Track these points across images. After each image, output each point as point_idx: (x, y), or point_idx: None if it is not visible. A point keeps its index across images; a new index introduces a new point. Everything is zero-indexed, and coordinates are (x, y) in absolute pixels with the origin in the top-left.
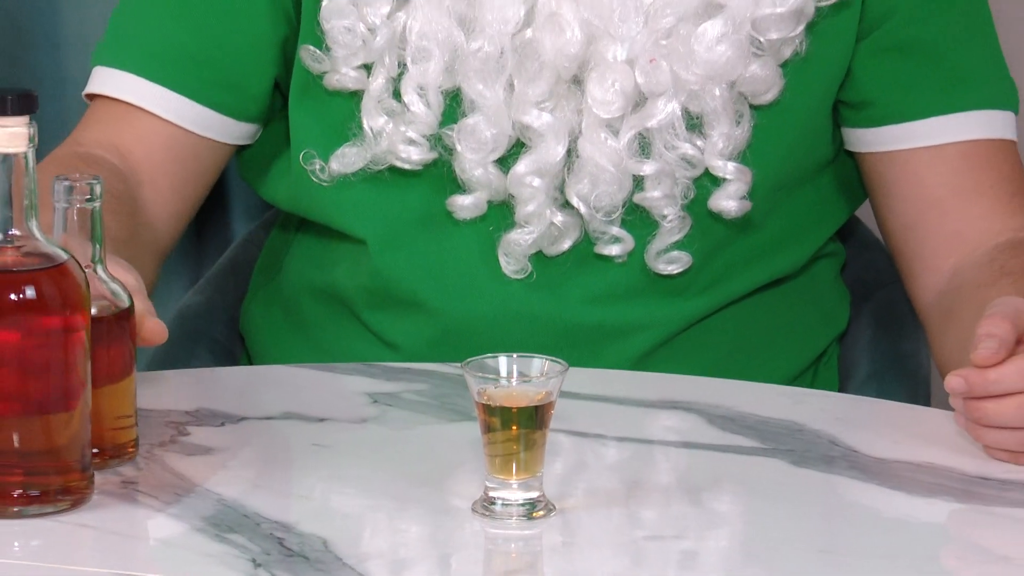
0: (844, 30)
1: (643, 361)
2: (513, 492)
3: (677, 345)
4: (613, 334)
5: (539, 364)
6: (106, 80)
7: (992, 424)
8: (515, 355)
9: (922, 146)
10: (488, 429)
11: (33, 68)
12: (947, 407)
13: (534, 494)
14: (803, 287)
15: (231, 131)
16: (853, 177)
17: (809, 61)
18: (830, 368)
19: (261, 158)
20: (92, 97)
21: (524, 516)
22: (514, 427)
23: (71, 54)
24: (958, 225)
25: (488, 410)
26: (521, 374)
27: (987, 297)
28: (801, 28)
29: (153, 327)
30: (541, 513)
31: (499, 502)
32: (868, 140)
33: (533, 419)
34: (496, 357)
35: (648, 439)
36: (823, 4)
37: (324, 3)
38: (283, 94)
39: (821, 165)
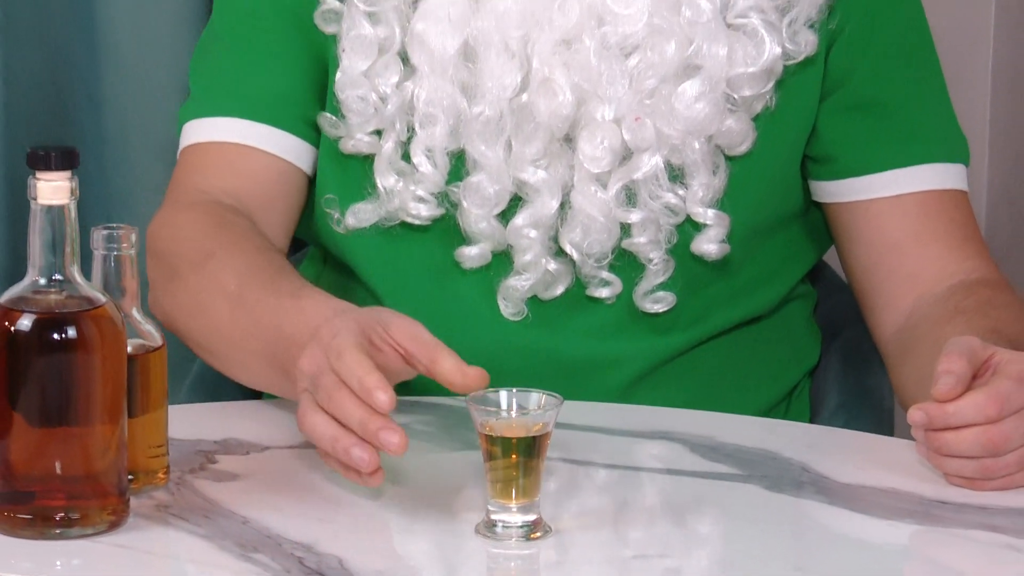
0: (810, 86)
1: (629, 392)
2: (513, 515)
3: (660, 377)
4: (602, 367)
5: (536, 398)
6: (210, 129)
7: (950, 453)
8: (514, 390)
9: (881, 196)
10: (490, 457)
11: (75, 126)
12: (909, 437)
13: (532, 517)
14: (777, 325)
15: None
16: (820, 224)
17: (778, 114)
18: (802, 400)
19: None
20: (185, 150)
21: (523, 537)
22: (514, 455)
23: (110, 113)
24: (915, 268)
25: (490, 440)
26: (520, 407)
27: (942, 334)
28: (771, 84)
29: (477, 374)
30: (538, 535)
31: (500, 524)
32: (832, 192)
33: (531, 448)
34: (497, 391)
35: (635, 466)
36: (790, 63)
37: (338, 75)
38: None
39: (793, 214)
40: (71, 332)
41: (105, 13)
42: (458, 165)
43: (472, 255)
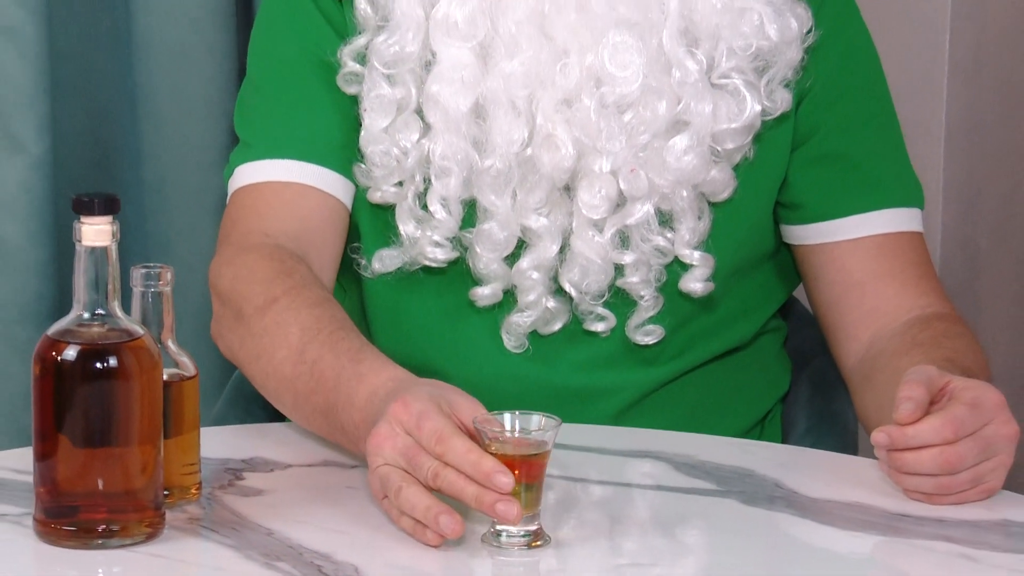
0: (783, 139)
1: (621, 417)
2: (516, 526)
3: (649, 404)
4: (596, 395)
5: (537, 420)
6: (265, 170)
7: (910, 471)
8: (518, 413)
9: (844, 239)
10: None
11: (116, 175)
12: (872, 456)
13: (534, 527)
14: (752, 356)
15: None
16: (789, 264)
17: (756, 165)
18: (775, 424)
19: None
20: (239, 192)
21: (524, 546)
22: (516, 472)
23: (148, 163)
24: (875, 303)
25: (496, 458)
26: (522, 428)
27: (901, 364)
28: (750, 138)
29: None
30: (539, 543)
31: (504, 534)
32: (800, 235)
33: (533, 465)
34: (502, 414)
35: (626, 482)
36: (768, 118)
37: (363, 132)
38: None
39: (766, 254)
40: (112, 362)
41: (144, 74)
42: (470, 212)
43: (485, 295)
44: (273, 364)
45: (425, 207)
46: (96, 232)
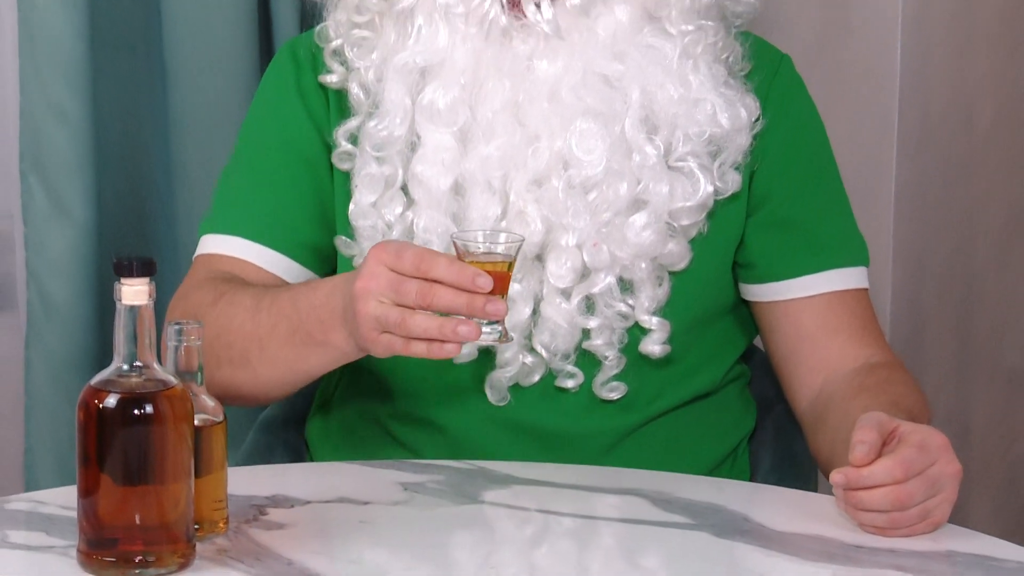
0: (736, 214)
1: (600, 458)
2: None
3: (624, 447)
4: (574, 440)
5: (505, 236)
6: (220, 244)
7: (865, 508)
8: (488, 230)
9: (796, 297)
10: None
11: (153, 239)
12: (830, 493)
13: (500, 328)
14: (718, 401)
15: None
16: (748, 315)
17: (710, 237)
18: (743, 460)
19: None
20: (199, 256)
21: (496, 343)
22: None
23: (182, 228)
24: (824, 354)
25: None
26: (492, 243)
27: (849, 407)
28: (704, 215)
29: (496, 307)
30: (508, 339)
31: (482, 337)
32: (756, 292)
33: (502, 276)
34: (475, 231)
35: (606, 516)
36: (720, 197)
37: (352, 207)
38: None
39: (726, 309)
40: (148, 409)
41: (179, 149)
42: None
43: (463, 353)
44: (233, 329)
45: None
46: (134, 292)
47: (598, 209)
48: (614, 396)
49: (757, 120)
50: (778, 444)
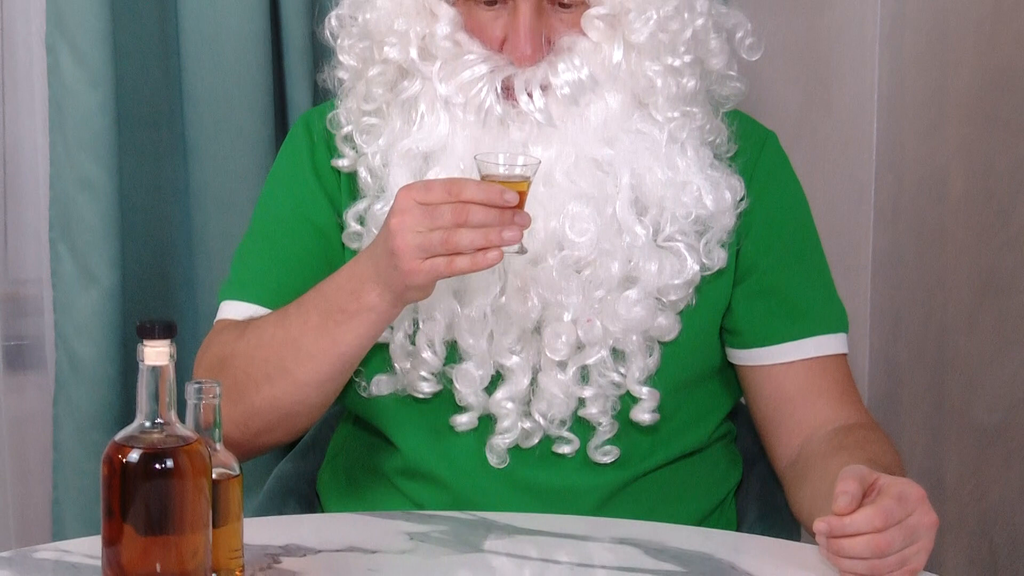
0: (722, 286)
1: (597, 510)
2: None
3: (618, 501)
4: (572, 496)
5: (522, 158)
6: (236, 310)
7: (847, 555)
8: (507, 152)
9: (779, 362)
10: None
11: (174, 303)
12: (813, 542)
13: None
14: (706, 458)
15: None
16: (733, 377)
17: (697, 310)
18: (730, 511)
19: None
20: (219, 321)
21: (519, 253)
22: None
23: (202, 294)
24: (804, 416)
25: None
26: (511, 163)
27: (829, 465)
28: (692, 290)
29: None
30: (526, 251)
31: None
32: (741, 357)
33: (520, 194)
34: (495, 153)
35: (602, 564)
36: (706, 273)
37: None
38: None
39: (713, 371)
40: (169, 463)
41: (199, 219)
42: (452, 351)
43: (463, 422)
44: (264, 344)
45: (413, 342)
46: (156, 353)
47: (591, 287)
48: (607, 460)
49: (741, 200)
50: (763, 496)
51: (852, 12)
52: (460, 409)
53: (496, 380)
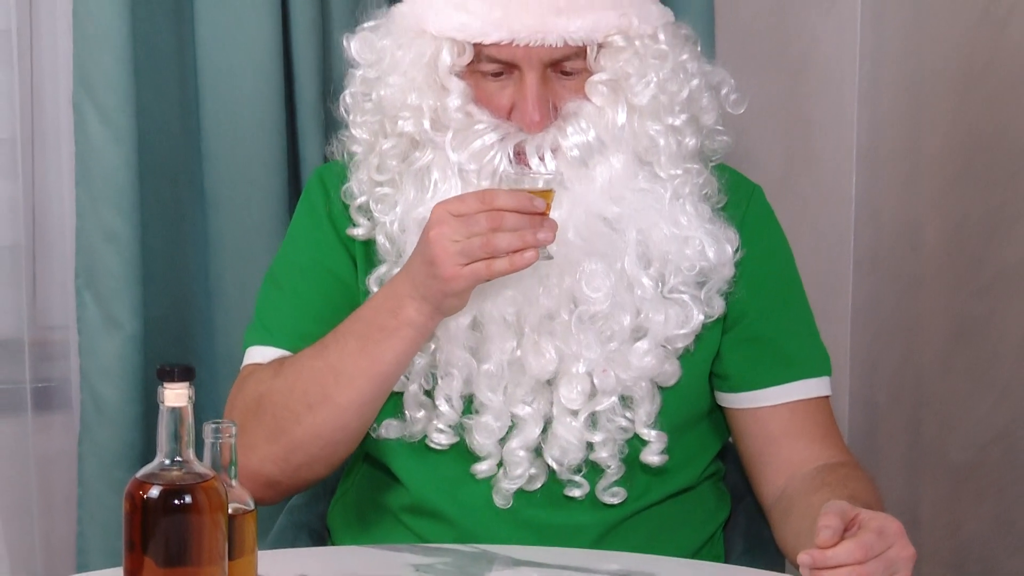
0: (715, 333)
1: (592, 546)
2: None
3: (615, 535)
4: (574, 531)
5: (544, 171)
6: (262, 354)
7: None
8: (529, 168)
9: (764, 405)
10: None
11: (193, 348)
12: (798, 574)
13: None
14: (696, 495)
15: None
16: (722, 419)
17: (695, 355)
18: (718, 546)
19: None
20: (247, 366)
21: (547, 258)
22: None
23: (220, 338)
24: (789, 456)
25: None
26: (536, 176)
27: (812, 501)
28: (693, 337)
29: (551, 224)
30: (552, 256)
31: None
32: (729, 400)
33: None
34: (523, 169)
35: None
36: (707, 321)
37: None
38: None
39: (703, 415)
40: (187, 499)
41: (217, 268)
42: (469, 404)
43: (483, 469)
44: (304, 376)
45: (429, 394)
46: (175, 395)
47: (605, 339)
48: (615, 501)
49: (738, 250)
50: (750, 531)
51: (832, 73)
52: (477, 458)
53: (509, 429)
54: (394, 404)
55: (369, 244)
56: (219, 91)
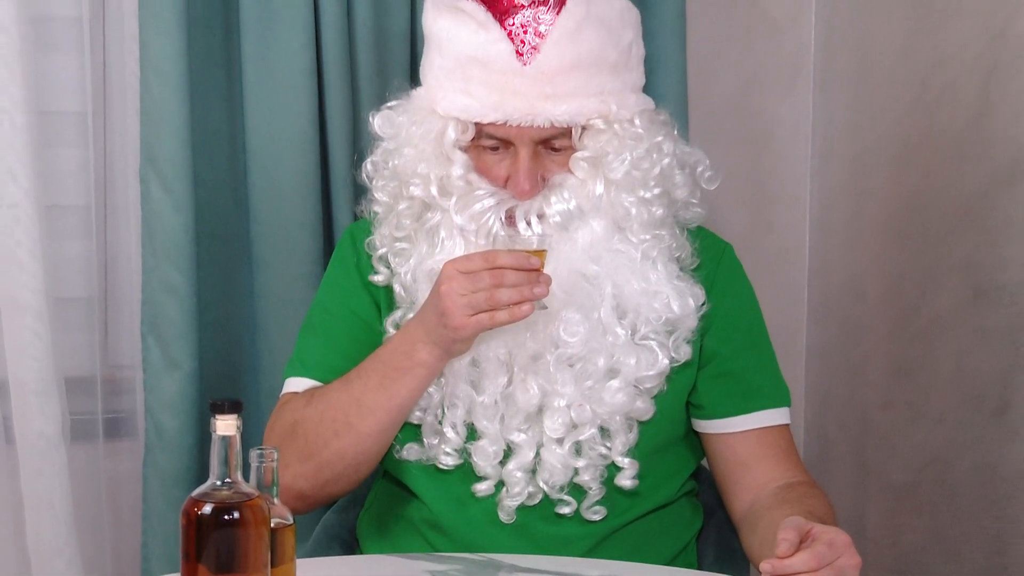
0: (688, 375)
1: (585, 554)
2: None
3: (605, 545)
4: (567, 542)
5: (538, 238)
6: (300, 385)
7: None
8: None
9: (733, 431)
10: None
11: (242, 384)
12: None
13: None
14: (673, 510)
15: None
16: (696, 442)
17: (668, 394)
18: (692, 555)
19: None
20: (284, 395)
21: (542, 308)
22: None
23: (265, 375)
24: (755, 475)
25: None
26: (530, 237)
27: (774, 515)
28: (663, 378)
29: (546, 279)
30: (547, 307)
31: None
32: (703, 426)
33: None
34: (517, 230)
35: None
36: (675, 365)
37: None
38: None
39: (679, 439)
40: (235, 515)
41: (263, 316)
42: (471, 431)
43: (483, 489)
44: (332, 405)
45: (441, 423)
46: (225, 426)
47: (581, 378)
48: (597, 517)
49: (703, 305)
50: (720, 541)
51: (789, 149)
52: (479, 478)
53: (508, 454)
54: (413, 432)
55: (389, 289)
56: (264, 164)
